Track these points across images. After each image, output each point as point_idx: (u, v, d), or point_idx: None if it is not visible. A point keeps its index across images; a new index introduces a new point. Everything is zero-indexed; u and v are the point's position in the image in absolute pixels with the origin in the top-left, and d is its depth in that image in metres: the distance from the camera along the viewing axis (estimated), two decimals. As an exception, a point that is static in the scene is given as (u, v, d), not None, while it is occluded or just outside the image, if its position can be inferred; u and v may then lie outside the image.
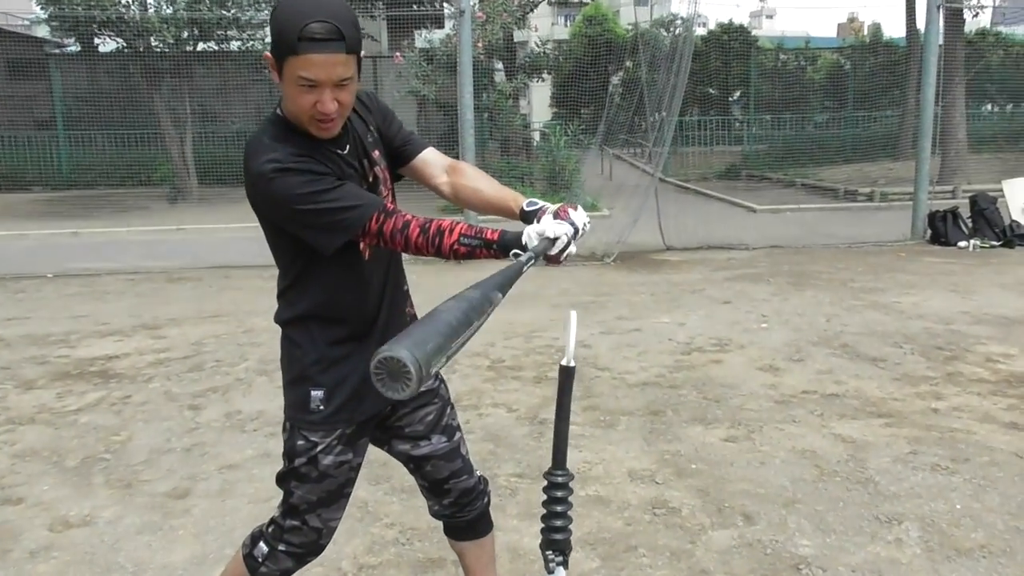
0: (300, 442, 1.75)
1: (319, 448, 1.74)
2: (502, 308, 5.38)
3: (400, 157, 1.85)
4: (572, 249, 1.57)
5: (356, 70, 1.58)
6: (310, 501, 1.79)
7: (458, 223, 1.59)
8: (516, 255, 1.53)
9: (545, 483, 1.42)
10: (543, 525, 1.41)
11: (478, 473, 2.02)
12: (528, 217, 1.65)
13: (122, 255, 9.33)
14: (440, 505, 1.99)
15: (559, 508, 1.40)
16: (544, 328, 5.56)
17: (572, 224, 1.57)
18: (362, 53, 1.60)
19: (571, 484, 1.44)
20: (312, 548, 1.86)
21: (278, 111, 1.67)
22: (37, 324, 6.08)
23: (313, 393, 1.73)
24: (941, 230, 8.85)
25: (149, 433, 3.81)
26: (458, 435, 1.96)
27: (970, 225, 8.84)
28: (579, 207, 1.62)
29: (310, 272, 1.71)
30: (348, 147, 1.71)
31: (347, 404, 1.75)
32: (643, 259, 8.35)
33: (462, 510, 1.98)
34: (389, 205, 1.66)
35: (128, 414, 4.08)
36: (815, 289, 6.69)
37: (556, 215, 1.59)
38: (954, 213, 8.89)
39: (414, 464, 1.93)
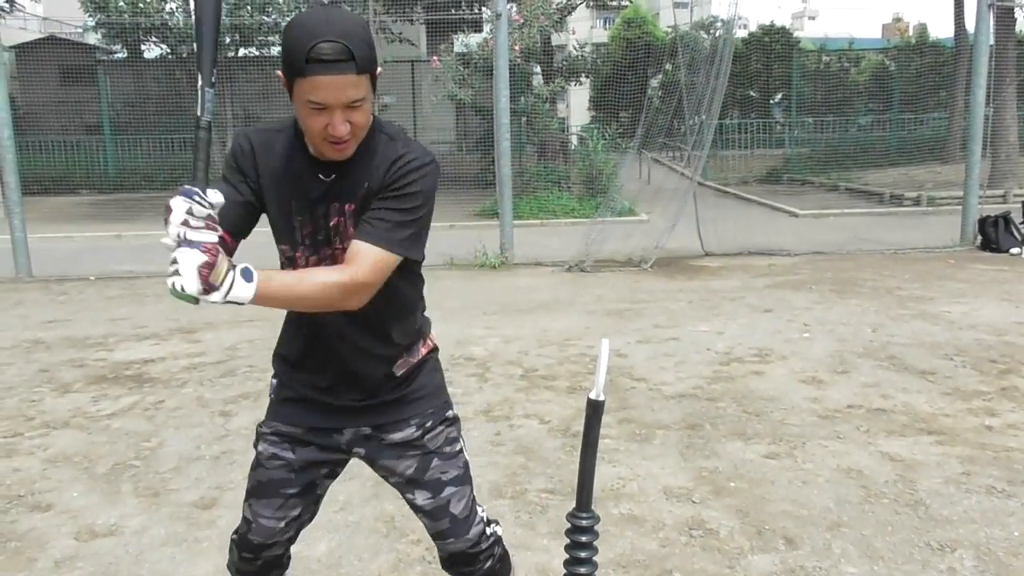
0: (260, 423, 1.83)
1: (261, 430, 1.80)
2: (536, 315, 5.26)
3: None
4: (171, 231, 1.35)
5: (370, 89, 1.51)
6: (247, 488, 1.82)
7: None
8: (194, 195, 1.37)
9: (568, 526, 1.31)
10: (565, 572, 1.30)
11: (490, 530, 1.82)
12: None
13: (163, 258, 9.34)
14: (439, 556, 1.86)
15: (583, 554, 1.29)
16: (579, 336, 5.46)
17: (186, 269, 1.36)
18: (378, 70, 1.53)
19: (597, 527, 1.33)
20: (242, 541, 1.81)
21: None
22: (77, 327, 6.14)
23: (272, 380, 1.84)
24: (992, 236, 8.55)
25: (179, 440, 3.79)
26: (448, 491, 1.75)
27: (1023, 231, 8.53)
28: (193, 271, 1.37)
29: None
30: (333, 176, 1.60)
31: (288, 403, 1.79)
32: (681, 265, 8.20)
33: (456, 568, 1.83)
34: (227, 239, 1.53)
35: (160, 420, 4.07)
36: (860, 297, 6.49)
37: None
38: (1006, 218, 8.59)
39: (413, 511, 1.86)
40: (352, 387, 1.74)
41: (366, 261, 1.53)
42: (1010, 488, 3.11)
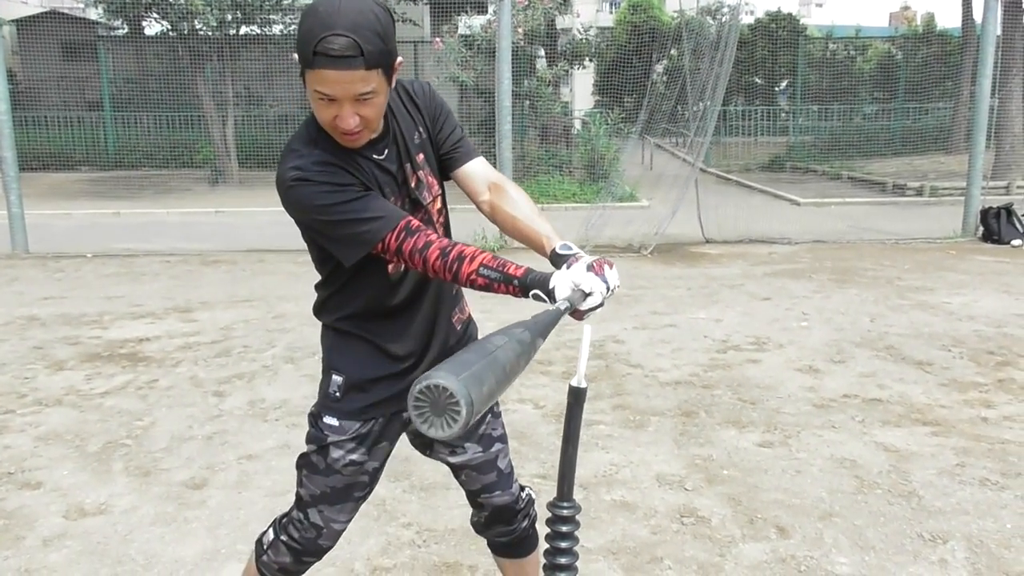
0: (314, 430, 1.74)
1: (330, 440, 1.71)
2: (535, 301, 5.22)
3: (444, 165, 1.75)
4: (599, 309, 1.46)
5: (384, 82, 1.49)
6: (314, 494, 1.75)
7: (482, 252, 1.49)
8: (537, 297, 1.43)
9: (548, 515, 1.29)
10: (544, 562, 1.28)
11: (526, 492, 1.92)
12: (558, 260, 1.51)
13: (161, 236, 9.41)
14: (478, 517, 1.91)
15: (564, 544, 1.27)
16: (576, 322, 5.42)
17: (605, 281, 1.45)
18: (399, 61, 1.51)
19: (578, 517, 1.31)
20: (310, 547, 1.79)
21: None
22: (73, 304, 6.12)
23: (334, 378, 1.72)
24: (994, 227, 8.50)
25: (172, 419, 3.78)
26: (497, 447, 1.85)
27: (1025, 223, 8.50)
28: (614, 265, 1.49)
29: (340, 273, 1.67)
30: (387, 151, 1.63)
31: (363, 396, 1.72)
32: (681, 251, 8.16)
33: (496, 526, 1.89)
34: (413, 223, 1.55)
35: (153, 399, 4.06)
36: (859, 287, 6.46)
37: (590, 267, 1.45)
38: (1008, 210, 8.53)
39: (453, 472, 1.88)
40: (434, 340, 1.76)
41: (491, 168, 1.76)
42: (1004, 480, 3.09)
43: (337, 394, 1.71)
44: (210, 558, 2.59)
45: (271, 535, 1.82)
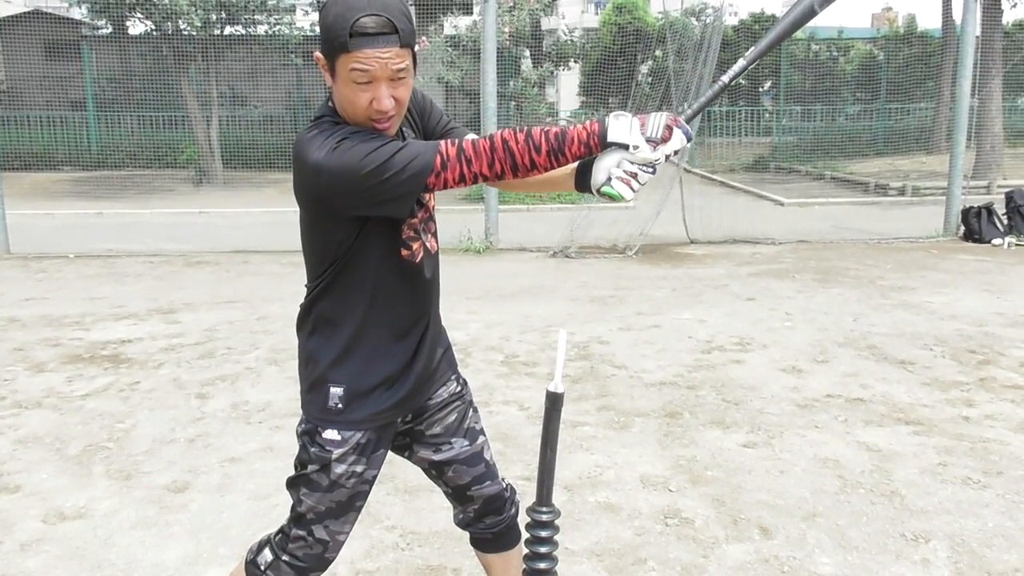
0: (314, 449, 1.68)
1: (334, 456, 1.67)
2: (519, 301, 5.26)
3: None
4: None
5: (412, 64, 1.53)
6: (318, 511, 1.71)
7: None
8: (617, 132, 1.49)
9: (528, 520, 1.28)
10: (525, 567, 1.27)
11: (505, 482, 1.93)
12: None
13: (144, 237, 9.33)
14: (465, 513, 1.90)
15: (543, 549, 1.26)
16: (561, 323, 5.44)
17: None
18: (417, 47, 1.55)
19: (557, 522, 1.30)
20: (316, 563, 1.76)
21: (330, 104, 1.59)
22: (54, 305, 6.06)
23: (332, 390, 1.67)
24: (975, 226, 8.57)
25: (154, 422, 3.75)
26: (481, 439, 1.88)
27: (1005, 222, 8.56)
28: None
29: (346, 276, 1.63)
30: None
31: (367, 405, 1.68)
32: (666, 252, 8.18)
33: (486, 518, 1.89)
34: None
35: (135, 401, 4.02)
36: (842, 287, 6.50)
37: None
38: (989, 209, 8.61)
39: (436, 470, 1.86)
40: (432, 340, 1.77)
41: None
42: (985, 479, 3.12)
43: (339, 406, 1.66)
44: (192, 562, 2.57)
45: (269, 556, 1.77)
